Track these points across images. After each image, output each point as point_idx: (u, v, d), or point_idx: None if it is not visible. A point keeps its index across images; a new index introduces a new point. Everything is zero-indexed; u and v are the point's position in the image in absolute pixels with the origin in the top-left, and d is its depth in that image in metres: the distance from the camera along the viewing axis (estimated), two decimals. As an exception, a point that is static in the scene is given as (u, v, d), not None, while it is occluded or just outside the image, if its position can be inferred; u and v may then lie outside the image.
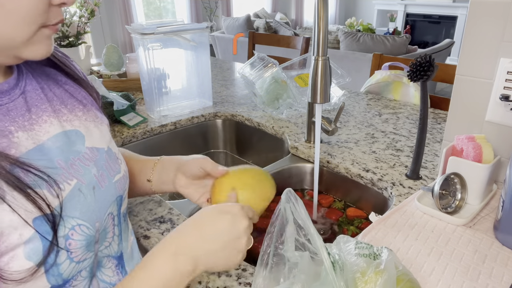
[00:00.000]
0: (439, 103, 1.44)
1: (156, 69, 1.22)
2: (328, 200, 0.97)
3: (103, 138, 0.56)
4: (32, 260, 0.41)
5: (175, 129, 1.24)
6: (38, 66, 0.53)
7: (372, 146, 1.03)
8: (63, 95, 0.54)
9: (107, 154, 0.56)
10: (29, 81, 0.50)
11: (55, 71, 0.55)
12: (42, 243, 0.42)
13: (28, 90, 0.49)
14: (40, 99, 0.50)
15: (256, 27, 4.85)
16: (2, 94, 0.45)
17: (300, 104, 1.30)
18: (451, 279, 0.57)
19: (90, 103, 0.58)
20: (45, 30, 0.43)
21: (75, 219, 0.46)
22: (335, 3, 7.69)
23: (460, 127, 0.83)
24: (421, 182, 0.85)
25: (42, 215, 0.42)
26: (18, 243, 0.40)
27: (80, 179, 0.49)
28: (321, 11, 0.73)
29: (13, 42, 0.41)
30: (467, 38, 0.77)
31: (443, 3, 6.30)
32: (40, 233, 0.41)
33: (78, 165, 0.49)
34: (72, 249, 0.46)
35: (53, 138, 0.48)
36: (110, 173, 0.55)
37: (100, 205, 0.51)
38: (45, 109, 0.49)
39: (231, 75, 1.84)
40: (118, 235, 0.58)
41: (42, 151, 0.46)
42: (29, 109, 0.47)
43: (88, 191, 0.49)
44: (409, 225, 0.70)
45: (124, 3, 4.88)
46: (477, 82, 0.78)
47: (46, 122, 0.49)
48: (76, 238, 0.46)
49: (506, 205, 0.62)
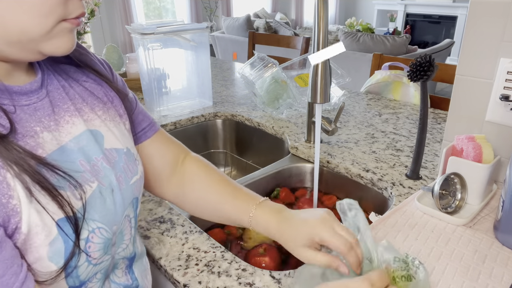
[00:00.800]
0: (439, 103, 1.45)
1: (156, 69, 1.22)
2: (332, 201, 0.97)
3: (122, 138, 0.55)
4: (53, 261, 0.41)
5: (175, 129, 1.24)
6: (56, 64, 0.52)
7: (372, 146, 1.03)
8: (83, 93, 0.52)
9: (126, 155, 0.54)
10: (50, 80, 0.49)
11: (75, 68, 0.54)
12: (64, 245, 0.41)
13: (51, 90, 0.48)
14: (61, 99, 0.49)
15: (256, 27, 4.85)
16: (31, 93, 0.45)
17: (300, 104, 1.30)
18: (451, 279, 0.57)
19: (110, 101, 0.56)
20: (65, 23, 0.42)
21: (95, 222, 0.46)
22: (335, 3, 7.69)
23: (460, 127, 0.83)
24: (421, 182, 0.85)
25: (65, 217, 0.41)
26: (42, 244, 0.40)
27: (100, 181, 0.48)
28: (321, 11, 0.73)
29: (31, 35, 0.40)
30: (467, 38, 0.77)
31: (443, 3, 6.30)
32: (64, 235, 0.41)
33: (99, 167, 0.49)
34: (91, 252, 0.46)
35: (74, 140, 0.47)
36: (128, 175, 0.53)
37: (118, 208, 0.50)
38: (67, 108, 0.49)
39: (231, 75, 1.84)
40: (134, 237, 0.57)
41: (64, 152, 0.45)
42: (53, 109, 0.47)
43: (107, 194, 0.48)
44: (409, 225, 0.70)
45: (124, 3, 4.88)
46: (477, 82, 0.78)
47: (68, 122, 0.48)
48: (95, 241, 0.46)
49: (506, 205, 0.62)
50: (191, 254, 0.65)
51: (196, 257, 0.65)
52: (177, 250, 0.67)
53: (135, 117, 0.62)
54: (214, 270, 0.62)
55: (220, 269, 0.62)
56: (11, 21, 0.39)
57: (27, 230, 0.39)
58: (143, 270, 0.61)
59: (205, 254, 0.65)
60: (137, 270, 0.59)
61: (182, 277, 0.60)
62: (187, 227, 0.73)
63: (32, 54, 0.43)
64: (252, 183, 0.96)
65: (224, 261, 0.64)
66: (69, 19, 0.42)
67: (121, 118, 0.57)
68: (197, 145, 1.32)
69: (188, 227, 0.73)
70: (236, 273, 0.61)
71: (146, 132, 0.63)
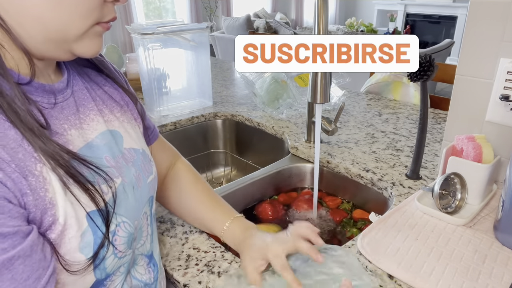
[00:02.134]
0: (439, 103, 1.44)
1: (156, 69, 1.22)
2: (336, 202, 0.97)
3: (138, 140, 0.58)
4: (83, 253, 0.42)
5: (175, 129, 1.24)
6: (79, 67, 0.54)
7: (372, 146, 1.03)
8: (103, 96, 0.55)
9: (142, 156, 0.57)
10: (75, 81, 0.51)
11: (95, 73, 0.56)
12: (93, 237, 0.43)
13: (76, 90, 0.50)
14: (86, 98, 0.51)
15: (256, 27, 4.85)
16: (58, 93, 0.47)
17: (300, 104, 1.30)
18: (451, 279, 0.57)
19: (126, 105, 0.59)
20: (98, 27, 0.44)
21: (120, 216, 0.48)
22: (335, 3, 7.69)
23: (460, 127, 0.83)
24: (421, 182, 0.85)
25: (96, 209, 0.43)
26: (75, 235, 0.41)
27: (123, 177, 0.50)
28: (321, 11, 0.73)
29: (67, 35, 0.42)
30: (467, 38, 0.77)
31: (443, 3, 6.30)
32: (94, 226, 0.43)
33: (121, 164, 0.51)
34: (117, 244, 0.47)
35: (100, 136, 0.49)
36: (145, 174, 0.56)
37: (138, 204, 0.53)
38: (91, 108, 0.51)
39: (231, 75, 1.84)
40: (151, 234, 0.59)
41: (91, 149, 0.47)
42: (78, 108, 0.49)
43: (129, 190, 0.51)
44: (409, 225, 0.70)
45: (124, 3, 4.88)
46: (477, 82, 0.78)
47: (93, 120, 0.50)
48: (121, 235, 0.48)
49: (506, 205, 0.62)
50: (191, 254, 0.65)
51: (196, 257, 0.65)
52: (177, 250, 0.67)
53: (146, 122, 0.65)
54: (214, 270, 0.62)
55: (220, 269, 0.62)
56: (51, 19, 0.40)
57: (64, 221, 0.40)
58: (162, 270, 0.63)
59: (205, 254, 0.65)
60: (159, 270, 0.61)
61: (182, 277, 0.60)
62: (187, 227, 0.73)
63: (64, 53, 0.44)
64: (252, 183, 0.96)
65: (224, 261, 0.64)
66: (101, 23, 0.44)
67: (136, 121, 0.60)
68: (197, 145, 1.32)
69: (188, 227, 0.73)
70: (236, 274, 0.61)
71: (150, 138, 0.67)
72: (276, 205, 0.95)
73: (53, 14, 0.40)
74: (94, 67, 0.57)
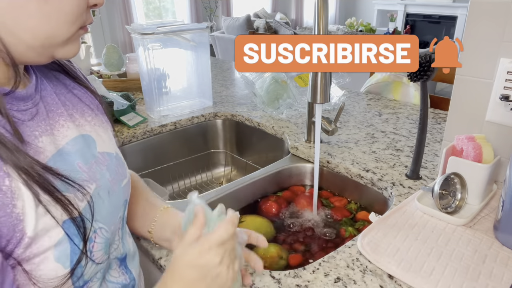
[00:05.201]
0: (439, 103, 1.44)
1: (156, 69, 1.22)
2: (342, 203, 0.96)
3: (111, 143, 0.57)
4: (60, 262, 0.42)
5: (175, 129, 1.24)
6: (47, 70, 0.53)
7: (372, 146, 1.03)
8: (73, 100, 0.54)
9: (116, 159, 0.56)
10: (43, 86, 0.50)
11: (63, 76, 0.56)
12: (70, 245, 0.42)
13: (44, 96, 0.49)
14: (55, 104, 0.50)
15: (256, 27, 4.85)
16: (28, 99, 0.45)
17: (300, 104, 1.30)
18: (451, 279, 0.57)
19: (96, 108, 0.58)
20: (81, 31, 0.45)
21: (97, 222, 0.47)
22: (335, 3, 7.69)
23: (460, 127, 0.83)
24: (421, 182, 0.85)
25: (70, 218, 0.42)
26: (49, 245, 0.41)
27: (98, 183, 0.49)
28: (321, 11, 0.73)
29: (54, 41, 0.42)
30: (467, 38, 0.77)
31: (443, 3, 6.30)
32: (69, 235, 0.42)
33: (95, 169, 0.50)
34: (95, 251, 0.47)
35: (71, 142, 0.49)
36: (119, 177, 0.55)
37: (114, 209, 0.52)
38: (61, 113, 0.50)
39: (231, 75, 1.84)
40: (122, 237, 0.58)
41: (62, 155, 0.46)
42: (48, 114, 0.48)
43: (105, 195, 0.50)
44: (409, 225, 0.70)
45: (124, 3, 4.88)
46: (477, 82, 0.78)
47: (63, 126, 0.49)
48: (98, 241, 0.47)
49: (506, 205, 0.62)
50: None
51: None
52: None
53: None
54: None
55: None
56: (39, 26, 0.40)
57: (34, 233, 0.39)
58: (138, 269, 0.62)
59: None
60: (134, 270, 0.60)
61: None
62: (187, 227, 0.72)
63: (46, 58, 0.44)
64: (252, 183, 0.96)
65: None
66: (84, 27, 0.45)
67: (106, 124, 0.59)
68: (197, 145, 1.32)
69: (188, 227, 0.72)
70: (236, 273, 0.61)
71: None
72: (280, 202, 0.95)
73: (40, 21, 0.40)
74: (61, 69, 0.56)
